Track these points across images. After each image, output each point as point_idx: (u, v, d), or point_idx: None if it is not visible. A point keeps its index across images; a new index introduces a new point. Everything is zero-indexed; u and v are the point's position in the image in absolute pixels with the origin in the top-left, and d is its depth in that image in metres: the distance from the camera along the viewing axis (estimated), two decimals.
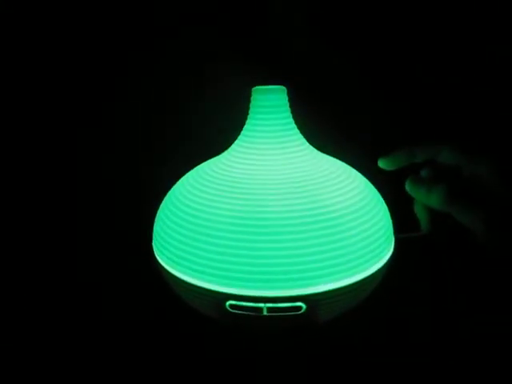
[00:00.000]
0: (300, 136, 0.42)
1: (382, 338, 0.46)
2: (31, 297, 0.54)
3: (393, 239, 0.42)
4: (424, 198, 0.38)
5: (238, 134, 0.43)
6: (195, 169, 0.44)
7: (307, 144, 0.43)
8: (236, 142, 0.43)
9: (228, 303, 0.36)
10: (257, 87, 0.42)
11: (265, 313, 0.36)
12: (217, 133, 0.47)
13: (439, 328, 0.48)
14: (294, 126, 0.42)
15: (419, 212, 0.41)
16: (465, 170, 0.37)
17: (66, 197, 0.55)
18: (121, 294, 0.52)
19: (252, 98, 0.42)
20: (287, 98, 0.42)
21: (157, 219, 0.43)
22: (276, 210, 0.36)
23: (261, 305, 0.35)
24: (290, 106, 0.42)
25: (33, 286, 0.54)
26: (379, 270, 0.39)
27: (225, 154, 0.43)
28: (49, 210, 0.55)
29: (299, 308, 0.35)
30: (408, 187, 0.39)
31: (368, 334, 0.47)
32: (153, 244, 0.43)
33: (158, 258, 0.41)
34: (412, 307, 0.50)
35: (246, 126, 0.42)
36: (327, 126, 0.49)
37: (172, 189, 0.44)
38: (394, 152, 0.41)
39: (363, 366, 0.46)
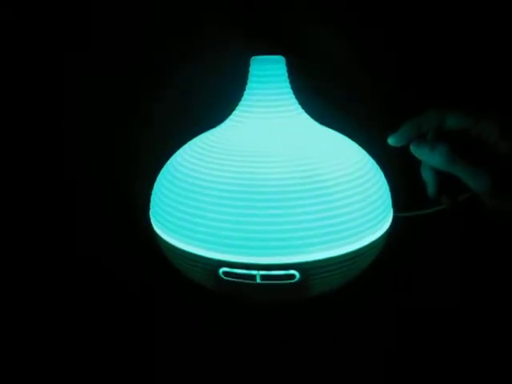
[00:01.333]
0: (298, 106, 0.42)
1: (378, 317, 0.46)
2: (33, 272, 0.55)
3: (390, 213, 0.42)
4: (427, 158, 0.38)
5: (236, 103, 0.43)
6: (193, 140, 0.44)
7: (306, 114, 0.42)
8: (234, 111, 0.43)
9: (221, 270, 0.36)
10: (256, 57, 0.41)
11: (258, 280, 0.36)
12: (216, 102, 0.47)
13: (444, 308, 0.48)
14: (292, 96, 0.42)
15: (426, 176, 0.41)
16: (471, 133, 0.37)
17: (64, 169, 0.55)
18: (119, 265, 0.52)
19: (251, 67, 0.42)
20: (286, 68, 0.42)
21: (154, 188, 0.43)
22: (272, 177, 0.36)
23: (254, 272, 0.35)
24: (289, 77, 0.42)
25: (36, 260, 0.55)
26: (374, 243, 0.39)
27: (223, 123, 0.43)
28: (49, 182, 0.56)
29: (293, 276, 0.36)
30: (412, 148, 0.39)
31: (365, 311, 0.47)
32: (150, 213, 0.43)
33: (154, 226, 0.42)
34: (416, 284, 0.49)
35: (244, 96, 0.42)
36: (326, 98, 0.48)
37: (170, 158, 0.44)
38: (401, 127, 0.40)
39: (356, 342, 0.46)
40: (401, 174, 0.46)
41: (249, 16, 0.48)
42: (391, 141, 0.40)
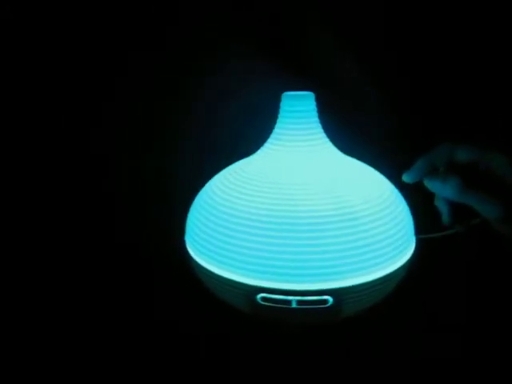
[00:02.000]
0: (327, 140, 0.45)
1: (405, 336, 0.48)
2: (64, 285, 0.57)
3: (414, 238, 0.45)
4: (440, 190, 0.40)
5: (266, 137, 0.45)
6: (227, 168, 0.47)
7: (334, 147, 0.45)
8: (266, 143, 0.45)
9: (259, 296, 0.38)
10: (287, 92, 0.44)
11: (294, 305, 0.38)
12: (247, 134, 0.50)
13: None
14: (321, 130, 0.44)
15: (440, 206, 0.43)
16: (480, 165, 0.39)
17: (103, 187, 0.58)
18: (153, 288, 0.54)
19: (282, 102, 0.44)
20: (315, 104, 0.44)
21: (190, 214, 0.46)
22: (306, 208, 0.38)
23: (290, 298, 0.38)
24: (318, 112, 0.45)
25: (69, 272, 0.57)
26: (401, 267, 0.41)
27: (256, 154, 0.46)
28: (84, 201, 0.58)
29: (326, 301, 0.38)
30: (426, 182, 0.41)
31: (389, 331, 0.49)
32: (185, 238, 0.46)
33: (190, 251, 0.44)
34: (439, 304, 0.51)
35: (275, 130, 0.45)
36: (353, 131, 0.51)
37: (206, 185, 0.46)
38: (414, 164, 0.43)
39: (382, 363, 0.48)
40: (420, 198, 0.49)
41: (281, 54, 0.51)
42: (406, 178, 0.43)
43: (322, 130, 0.45)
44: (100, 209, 0.59)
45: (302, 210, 0.38)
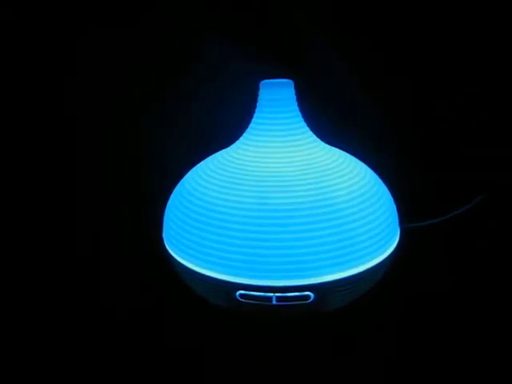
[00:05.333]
0: (307, 129, 0.43)
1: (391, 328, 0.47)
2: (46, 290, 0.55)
3: (398, 230, 0.43)
4: None
5: (245, 126, 0.43)
6: (204, 161, 0.45)
7: (314, 136, 0.43)
8: (244, 134, 0.44)
9: (238, 293, 0.37)
10: (265, 81, 0.42)
11: (274, 302, 0.37)
12: (225, 124, 0.48)
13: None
14: (301, 118, 0.43)
15: None
16: None
17: (80, 189, 0.56)
18: (131, 285, 0.53)
19: (260, 91, 0.43)
20: (294, 92, 0.43)
21: (167, 210, 0.44)
22: (284, 201, 0.37)
23: (270, 294, 0.36)
24: (297, 100, 0.43)
25: (47, 277, 0.55)
26: (384, 260, 0.40)
27: (233, 146, 0.44)
28: (56, 201, 0.57)
29: (308, 297, 0.37)
30: None
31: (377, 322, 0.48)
32: (163, 234, 0.44)
33: (168, 248, 0.42)
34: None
35: (254, 119, 0.43)
36: (334, 121, 0.49)
37: (182, 180, 0.44)
38: None
39: (370, 356, 0.47)
40: (403, 187, 0.48)
41: (260, 41, 0.49)
42: None
43: (302, 119, 0.43)
44: (73, 203, 0.57)
45: (279, 203, 0.36)
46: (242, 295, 0.37)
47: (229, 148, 0.44)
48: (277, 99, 0.42)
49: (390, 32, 0.50)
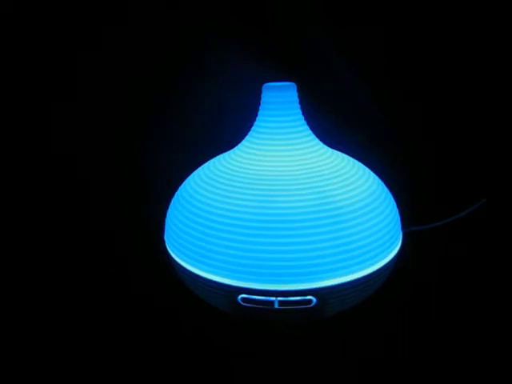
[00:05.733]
0: (309, 132, 0.43)
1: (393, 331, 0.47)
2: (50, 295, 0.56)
3: (400, 234, 0.43)
4: None
5: (248, 129, 0.43)
6: (206, 164, 0.45)
7: (316, 139, 0.43)
8: (247, 137, 0.44)
9: (240, 297, 0.37)
10: (268, 84, 0.42)
11: (276, 306, 0.37)
12: (227, 128, 0.48)
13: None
14: (303, 121, 0.43)
15: None
16: None
17: (81, 191, 0.56)
18: (134, 288, 0.53)
19: (263, 94, 0.42)
20: (297, 95, 0.42)
21: (169, 214, 0.44)
22: (287, 205, 0.37)
23: (272, 298, 0.36)
24: (300, 103, 0.43)
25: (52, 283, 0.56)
26: (387, 265, 0.40)
27: (236, 149, 0.44)
28: (61, 203, 0.56)
29: (310, 301, 0.36)
30: None
31: (378, 326, 0.48)
32: (165, 238, 0.44)
33: (170, 252, 0.42)
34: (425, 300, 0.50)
35: (256, 122, 0.43)
36: (337, 124, 0.49)
37: (184, 183, 0.44)
38: None
39: (372, 360, 0.47)
40: (405, 190, 0.47)
41: (262, 44, 0.49)
42: None
43: (304, 122, 0.43)
44: (76, 206, 0.57)
45: (279, 207, 0.36)
46: (244, 299, 0.37)
47: (231, 151, 0.44)
48: (279, 102, 0.41)
49: (393, 35, 0.49)
